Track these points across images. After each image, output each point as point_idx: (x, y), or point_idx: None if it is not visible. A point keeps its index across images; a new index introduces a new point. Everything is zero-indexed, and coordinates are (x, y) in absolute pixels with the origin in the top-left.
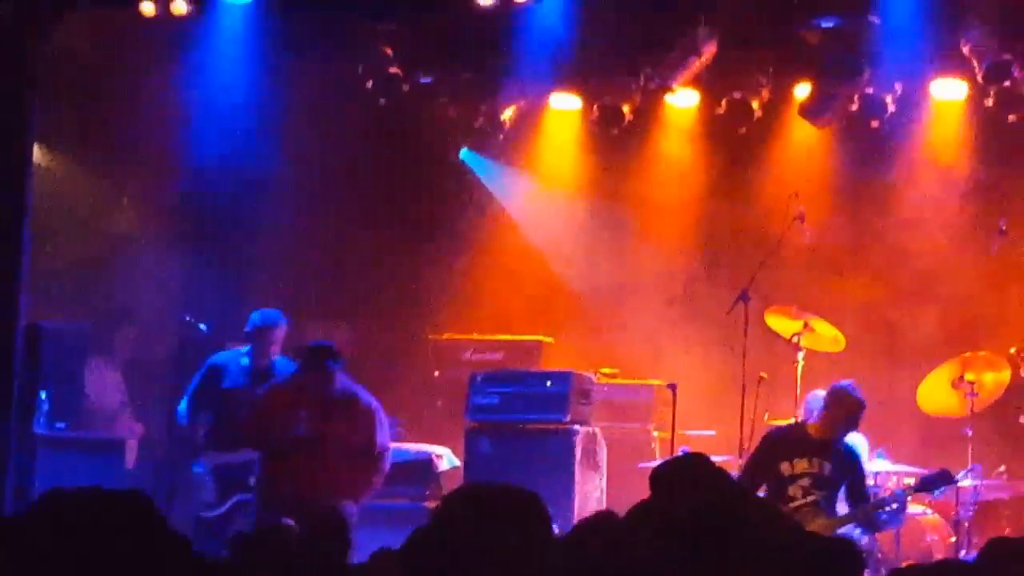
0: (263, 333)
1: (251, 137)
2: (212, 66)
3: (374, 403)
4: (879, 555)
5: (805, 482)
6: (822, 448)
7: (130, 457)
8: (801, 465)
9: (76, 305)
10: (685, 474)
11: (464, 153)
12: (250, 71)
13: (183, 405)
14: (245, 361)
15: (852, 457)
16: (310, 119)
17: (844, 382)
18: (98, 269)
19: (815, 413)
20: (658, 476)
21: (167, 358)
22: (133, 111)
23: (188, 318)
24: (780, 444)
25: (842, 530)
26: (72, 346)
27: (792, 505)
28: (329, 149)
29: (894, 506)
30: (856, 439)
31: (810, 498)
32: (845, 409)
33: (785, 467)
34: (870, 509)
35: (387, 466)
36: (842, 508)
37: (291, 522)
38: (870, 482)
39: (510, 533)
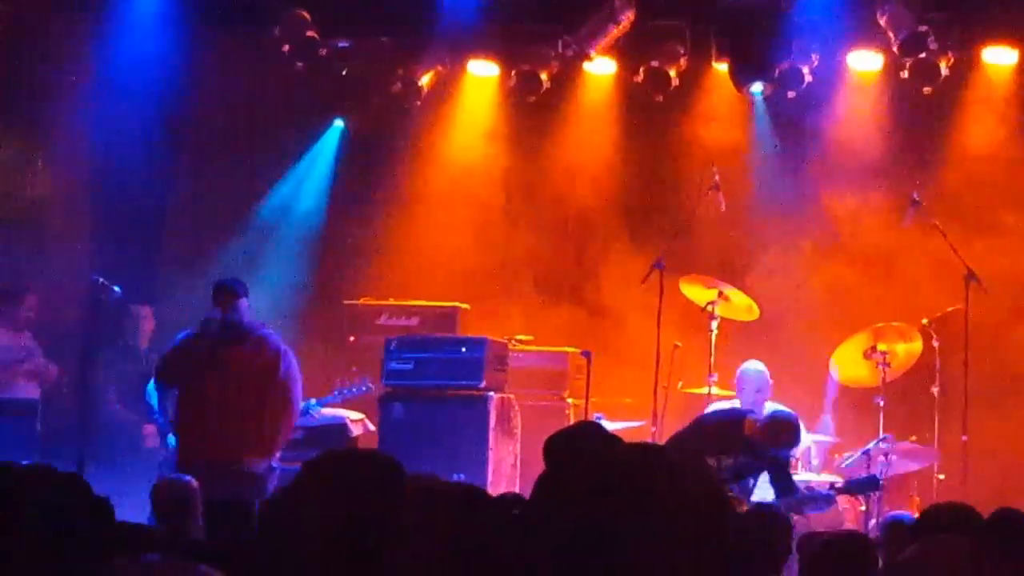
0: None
1: (165, 102)
2: (127, 31)
3: (283, 346)
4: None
5: (726, 474)
6: (750, 448)
7: None
8: (727, 462)
9: None
10: (576, 443)
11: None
12: (166, 36)
13: (151, 386)
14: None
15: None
16: (226, 83)
17: (786, 412)
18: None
19: (758, 409)
20: (550, 447)
21: (78, 320)
22: (47, 77)
23: (100, 280)
24: (713, 439)
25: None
26: None
27: None
28: (244, 113)
29: (821, 504)
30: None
31: (725, 486)
32: (781, 439)
33: (711, 461)
34: (796, 505)
35: (295, 413)
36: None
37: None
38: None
39: (359, 500)
